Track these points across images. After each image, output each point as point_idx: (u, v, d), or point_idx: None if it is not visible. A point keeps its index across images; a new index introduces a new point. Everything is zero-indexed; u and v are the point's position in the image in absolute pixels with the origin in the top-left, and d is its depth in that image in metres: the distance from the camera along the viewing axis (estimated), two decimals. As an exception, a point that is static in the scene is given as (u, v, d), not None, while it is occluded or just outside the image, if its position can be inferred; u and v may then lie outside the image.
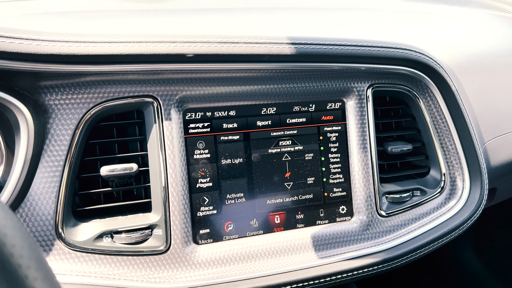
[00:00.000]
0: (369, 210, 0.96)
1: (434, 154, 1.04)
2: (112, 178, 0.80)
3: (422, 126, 1.04)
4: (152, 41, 0.76)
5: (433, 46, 1.05)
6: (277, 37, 0.83)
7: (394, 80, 1.00)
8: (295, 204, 0.94)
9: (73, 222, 0.80)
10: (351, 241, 0.95)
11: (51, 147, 0.77)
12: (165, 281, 0.82)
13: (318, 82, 0.93)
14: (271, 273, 0.88)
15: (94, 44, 0.73)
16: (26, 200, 0.76)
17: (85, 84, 0.78)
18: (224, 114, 0.88)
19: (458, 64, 1.07)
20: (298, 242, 0.92)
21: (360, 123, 0.96)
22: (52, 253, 0.78)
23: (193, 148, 0.86)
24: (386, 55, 0.92)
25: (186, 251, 0.84)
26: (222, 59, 0.81)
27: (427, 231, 1.00)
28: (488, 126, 1.09)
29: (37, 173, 0.77)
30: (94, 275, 0.79)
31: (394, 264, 0.97)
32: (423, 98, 1.02)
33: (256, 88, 0.89)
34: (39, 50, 0.70)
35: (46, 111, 0.77)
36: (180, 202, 0.83)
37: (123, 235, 0.80)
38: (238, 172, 0.90)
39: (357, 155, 0.96)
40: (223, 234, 0.89)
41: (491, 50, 1.17)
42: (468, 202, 1.02)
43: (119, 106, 0.81)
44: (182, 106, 0.84)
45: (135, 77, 0.81)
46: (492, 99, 1.12)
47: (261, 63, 0.84)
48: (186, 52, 0.78)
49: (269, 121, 0.92)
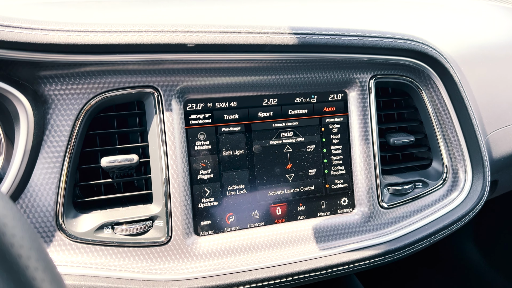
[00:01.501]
0: (370, 202, 0.96)
1: (436, 145, 1.03)
2: (112, 169, 0.80)
3: (425, 117, 1.03)
4: (152, 31, 0.75)
5: (437, 37, 1.04)
6: (279, 27, 0.83)
7: (396, 71, 0.99)
8: (297, 195, 0.93)
9: (74, 213, 0.80)
10: (353, 233, 0.95)
11: (51, 138, 0.77)
12: (166, 272, 0.82)
13: (320, 73, 0.92)
14: (272, 264, 0.88)
15: (94, 34, 0.72)
16: (26, 191, 0.76)
17: (85, 74, 0.78)
18: (225, 105, 0.88)
19: (462, 55, 1.06)
20: (299, 234, 0.91)
21: (362, 114, 0.95)
22: (53, 244, 0.77)
23: (194, 139, 0.86)
24: (389, 45, 0.91)
25: (187, 243, 0.84)
26: (224, 49, 0.80)
27: (429, 223, 0.99)
28: (490, 118, 1.08)
29: (37, 164, 0.76)
30: (95, 266, 0.79)
31: (396, 256, 0.97)
32: (425, 89, 1.01)
33: (257, 79, 0.88)
34: (38, 40, 0.69)
35: (46, 102, 0.77)
36: (181, 194, 0.83)
37: (124, 227, 0.80)
38: (240, 164, 0.89)
39: (359, 147, 0.95)
40: (224, 225, 0.88)
41: (495, 42, 1.16)
42: (470, 194, 1.02)
43: (119, 97, 0.80)
44: (183, 97, 0.84)
45: (136, 67, 0.80)
46: (495, 91, 1.11)
47: (263, 53, 0.84)
48: (187, 42, 0.77)
49: (270, 112, 0.91)
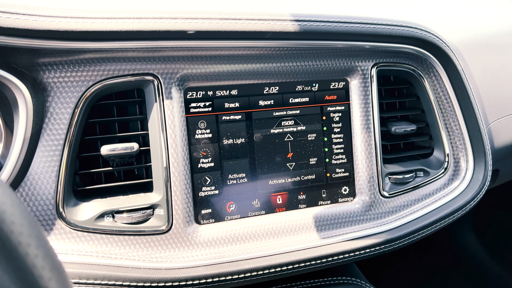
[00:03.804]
0: (371, 191, 0.96)
1: (438, 134, 1.03)
2: (112, 157, 0.80)
3: (427, 106, 1.02)
4: (152, 17, 0.74)
5: (439, 25, 1.03)
6: (280, 14, 0.81)
7: (399, 59, 0.98)
8: (297, 184, 0.93)
9: (74, 202, 0.79)
10: (353, 222, 0.95)
11: (50, 126, 0.76)
12: (167, 260, 0.82)
13: (321, 60, 0.91)
14: (273, 253, 0.88)
15: (93, 20, 0.72)
16: (26, 180, 0.76)
17: (84, 62, 0.77)
18: (225, 93, 0.87)
19: (465, 43, 1.05)
20: (300, 223, 0.91)
21: (364, 103, 0.95)
22: (53, 232, 0.77)
23: (195, 127, 0.85)
24: (392, 33, 0.90)
25: (188, 231, 0.84)
26: (224, 36, 0.79)
27: (430, 212, 0.99)
28: (493, 107, 1.08)
29: (36, 152, 0.76)
30: (96, 255, 0.79)
31: (396, 244, 0.97)
32: (428, 77, 1.00)
33: (258, 67, 0.87)
34: (36, 26, 0.68)
35: (45, 89, 0.76)
36: (182, 182, 0.82)
37: (124, 215, 0.80)
38: (240, 152, 0.89)
39: (360, 136, 0.95)
40: (225, 214, 0.88)
41: (498, 30, 1.15)
42: (471, 183, 1.02)
43: (119, 84, 0.80)
44: (183, 84, 0.83)
45: (135, 54, 0.79)
46: (498, 80, 1.10)
47: (264, 40, 0.83)
48: (187, 29, 0.76)
49: (271, 101, 0.90)
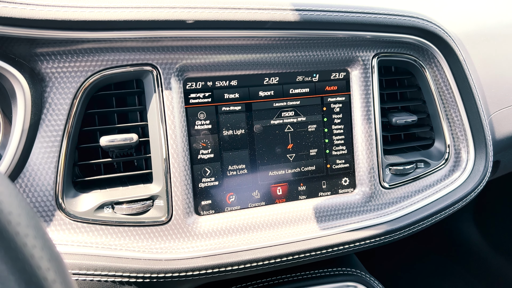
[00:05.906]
0: (372, 182, 0.95)
1: (439, 125, 1.02)
2: (112, 148, 0.79)
3: (428, 96, 1.02)
4: (150, 7, 0.74)
5: (441, 15, 1.02)
6: (280, 3, 0.81)
7: (400, 49, 0.97)
8: (298, 175, 0.93)
9: (73, 193, 0.79)
10: (353, 213, 0.95)
11: (49, 117, 0.76)
12: (166, 251, 0.82)
13: (322, 50, 0.90)
14: (273, 244, 0.88)
15: (91, 10, 0.71)
16: (25, 171, 0.75)
17: (82, 52, 0.76)
18: (225, 84, 0.86)
19: (466, 33, 1.04)
20: (300, 214, 0.91)
21: (365, 93, 0.94)
22: (53, 223, 0.77)
23: (194, 118, 0.85)
24: (393, 22, 0.89)
25: (187, 222, 0.84)
26: (223, 25, 0.79)
27: (430, 203, 0.99)
28: (494, 98, 1.07)
29: (35, 143, 0.75)
30: (95, 246, 0.78)
31: (396, 235, 0.97)
32: (429, 68, 0.99)
33: (258, 57, 0.86)
34: (34, 15, 0.67)
35: (43, 80, 0.75)
36: (182, 173, 0.82)
37: (124, 206, 0.80)
38: (240, 144, 0.88)
39: (361, 127, 0.94)
40: (225, 205, 0.88)
41: (500, 20, 1.14)
42: (472, 174, 1.02)
43: (117, 75, 0.79)
44: (182, 75, 0.82)
45: (134, 44, 0.78)
46: (499, 70, 1.09)
47: (264, 30, 0.82)
48: (186, 18, 0.75)
49: (271, 92, 0.90)
